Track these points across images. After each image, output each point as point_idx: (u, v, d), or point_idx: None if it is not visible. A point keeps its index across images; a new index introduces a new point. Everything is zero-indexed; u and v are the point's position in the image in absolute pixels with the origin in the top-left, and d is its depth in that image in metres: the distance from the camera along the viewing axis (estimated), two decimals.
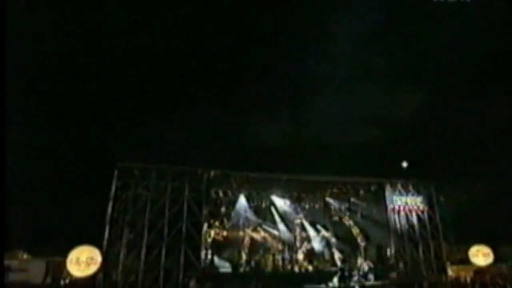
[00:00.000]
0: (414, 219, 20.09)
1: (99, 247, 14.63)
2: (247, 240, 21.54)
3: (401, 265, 19.08)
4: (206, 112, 34.89)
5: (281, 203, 22.28)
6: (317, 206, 23.23)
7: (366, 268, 19.54)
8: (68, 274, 15.08)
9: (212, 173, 18.06)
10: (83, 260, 14.02)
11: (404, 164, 21.79)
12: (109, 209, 15.36)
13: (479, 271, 18.78)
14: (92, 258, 14.12)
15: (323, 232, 23.14)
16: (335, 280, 18.01)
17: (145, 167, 16.68)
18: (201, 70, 37.59)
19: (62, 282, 16.44)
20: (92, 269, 14.04)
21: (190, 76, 37.54)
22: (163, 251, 15.47)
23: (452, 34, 34.73)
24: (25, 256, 18.93)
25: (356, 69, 41.46)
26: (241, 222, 21.48)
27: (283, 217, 22.34)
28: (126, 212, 16.00)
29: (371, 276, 18.70)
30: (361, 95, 38.99)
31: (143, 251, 15.30)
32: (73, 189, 24.87)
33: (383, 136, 35.42)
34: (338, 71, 41.42)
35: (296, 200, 22.33)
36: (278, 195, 22.00)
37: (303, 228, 22.72)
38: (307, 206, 22.92)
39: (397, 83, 39.02)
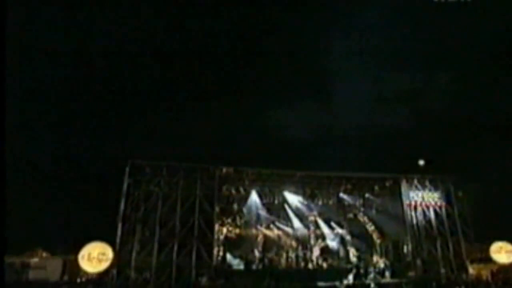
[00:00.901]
0: (432, 215, 19.48)
1: (112, 244, 14.78)
2: (260, 237, 21.32)
3: (418, 262, 18.51)
4: (217, 108, 34.78)
5: (294, 199, 21.86)
6: (330, 202, 22.67)
7: (382, 265, 19.13)
8: (84, 271, 15.34)
9: (224, 170, 18.00)
10: (94, 256, 14.21)
11: (421, 162, 21.23)
12: (121, 206, 15.46)
13: (501, 269, 18.07)
14: (103, 254, 14.29)
15: (338, 229, 22.71)
16: (350, 277, 17.62)
17: (156, 164, 16.75)
18: (213, 67, 37.46)
19: (78, 280, 16.79)
20: (104, 265, 14.20)
21: (201, 72, 37.37)
22: (175, 248, 15.48)
23: (486, 19, 32.86)
24: (44, 254, 19.43)
25: (374, 59, 40.28)
26: (254, 219, 21.24)
27: (297, 214, 22.00)
28: (138, 209, 16.10)
29: (387, 274, 18.27)
30: (380, 87, 38.18)
31: (155, 247, 15.37)
32: (86, 187, 25.25)
33: (401, 130, 34.52)
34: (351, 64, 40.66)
35: (309, 197, 21.89)
36: (291, 192, 21.60)
37: (317, 226, 22.31)
38: (320, 203, 22.41)
39: (419, 73, 37.97)
